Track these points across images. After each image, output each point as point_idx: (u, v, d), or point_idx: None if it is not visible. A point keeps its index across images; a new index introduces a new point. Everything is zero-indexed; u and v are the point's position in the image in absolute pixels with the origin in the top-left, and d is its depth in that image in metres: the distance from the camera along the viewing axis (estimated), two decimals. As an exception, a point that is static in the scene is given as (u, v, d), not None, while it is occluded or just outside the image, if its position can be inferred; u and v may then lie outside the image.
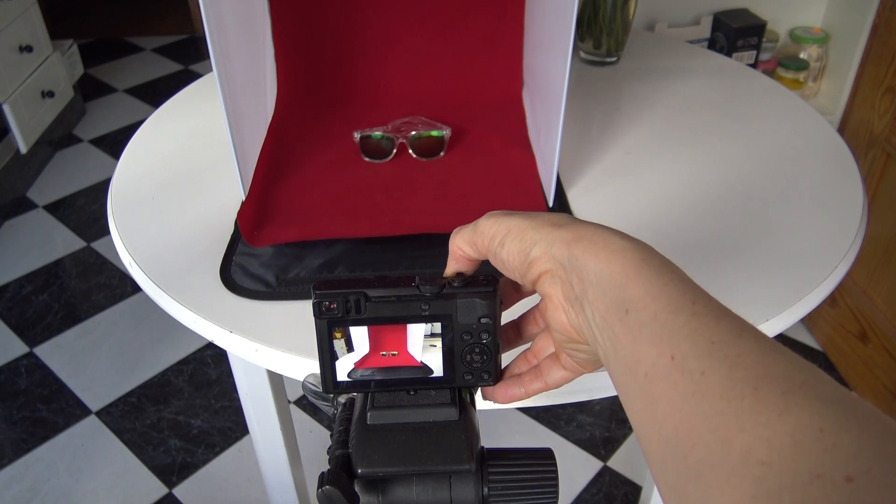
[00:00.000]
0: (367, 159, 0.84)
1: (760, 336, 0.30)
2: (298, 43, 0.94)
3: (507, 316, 0.45)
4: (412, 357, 0.41)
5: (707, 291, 0.33)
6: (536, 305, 0.44)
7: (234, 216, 0.75)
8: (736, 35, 1.47)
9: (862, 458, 0.24)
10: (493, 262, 0.40)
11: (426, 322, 0.40)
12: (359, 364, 0.41)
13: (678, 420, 0.29)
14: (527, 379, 0.43)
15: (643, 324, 0.32)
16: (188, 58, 3.09)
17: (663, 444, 0.29)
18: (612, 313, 0.34)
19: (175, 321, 0.66)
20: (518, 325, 0.45)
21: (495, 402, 0.44)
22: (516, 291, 0.44)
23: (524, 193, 0.78)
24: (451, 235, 0.42)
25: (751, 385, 0.27)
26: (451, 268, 0.42)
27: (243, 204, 0.75)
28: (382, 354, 0.41)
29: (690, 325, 0.31)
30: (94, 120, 2.65)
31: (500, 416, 1.56)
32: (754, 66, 1.53)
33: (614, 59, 1.06)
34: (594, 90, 1.00)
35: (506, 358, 0.44)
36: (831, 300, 1.60)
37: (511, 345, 0.45)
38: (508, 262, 0.39)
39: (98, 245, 2.06)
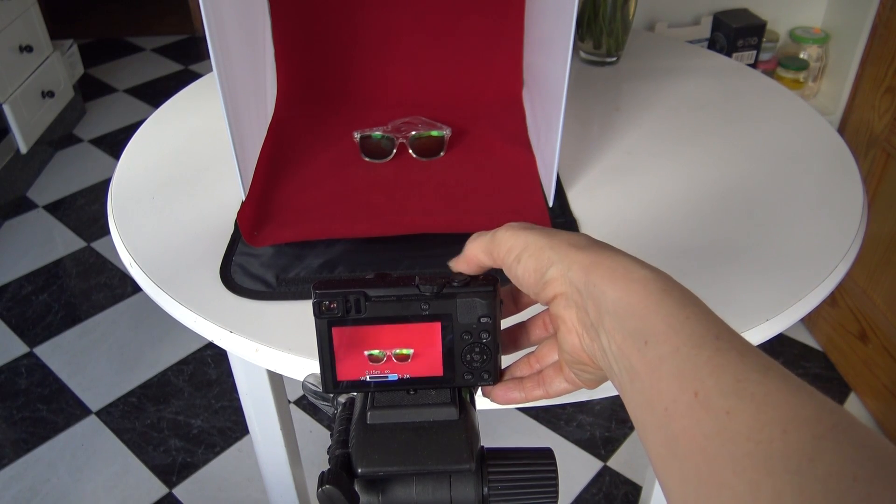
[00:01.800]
0: (367, 159, 0.84)
1: (787, 375, 0.29)
2: (298, 43, 0.94)
3: (518, 317, 0.45)
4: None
5: (729, 325, 0.32)
6: (546, 310, 0.44)
7: (234, 216, 0.75)
8: (736, 35, 1.47)
9: None
10: (508, 275, 0.40)
11: (426, 322, 0.40)
12: (358, 364, 0.41)
13: (701, 460, 0.28)
14: (528, 385, 0.43)
15: (663, 357, 0.31)
16: (188, 58, 3.09)
17: (685, 482, 0.29)
18: (629, 344, 0.33)
19: (175, 321, 0.66)
20: (525, 328, 0.45)
21: (494, 402, 0.44)
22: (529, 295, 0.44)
23: (524, 193, 0.78)
24: (469, 240, 0.41)
25: (779, 427, 0.26)
26: (460, 268, 0.42)
27: (243, 204, 0.75)
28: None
29: (714, 361, 0.30)
30: (94, 120, 2.65)
31: (500, 416, 1.56)
32: (754, 66, 1.53)
33: (614, 59, 1.06)
34: (594, 90, 1.01)
35: (510, 360, 0.44)
36: (831, 300, 1.60)
37: (517, 347, 0.45)
38: (523, 278, 0.38)
39: (98, 245, 2.06)
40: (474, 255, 0.41)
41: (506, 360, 0.44)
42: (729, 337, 0.31)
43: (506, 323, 0.44)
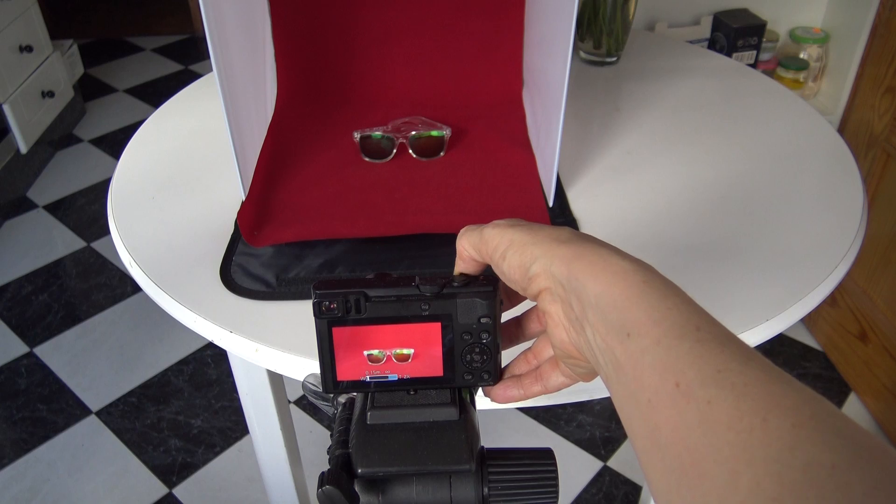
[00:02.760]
0: (367, 159, 0.84)
1: (767, 365, 0.29)
2: (298, 43, 0.94)
3: (511, 312, 0.45)
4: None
5: (711, 315, 0.32)
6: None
7: (234, 216, 0.75)
8: (736, 35, 1.47)
9: (877, 496, 0.23)
10: (496, 272, 0.40)
11: (426, 322, 0.40)
12: (358, 364, 0.41)
13: (683, 450, 0.28)
14: (526, 382, 0.43)
15: (645, 349, 0.31)
16: (188, 58, 3.09)
17: (667, 472, 0.29)
18: (612, 337, 0.33)
19: (175, 321, 0.66)
20: (520, 323, 0.45)
21: (493, 401, 0.44)
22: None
23: (524, 193, 0.78)
24: (459, 235, 0.42)
25: (759, 416, 0.27)
26: (459, 268, 0.42)
27: (243, 204, 0.75)
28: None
29: (695, 352, 0.30)
30: (94, 120, 2.65)
31: (500, 416, 1.56)
32: (754, 66, 1.53)
33: (614, 59, 1.06)
34: (594, 90, 1.00)
35: (507, 355, 0.44)
36: (831, 300, 1.60)
37: (512, 342, 0.45)
38: (510, 275, 0.39)
39: (98, 245, 2.06)
40: (465, 251, 0.41)
41: (505, 358, 0.43)
42: (710, 328, 0.31)
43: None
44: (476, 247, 0.40)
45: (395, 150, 0.84)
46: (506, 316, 0.44)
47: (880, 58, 1.39)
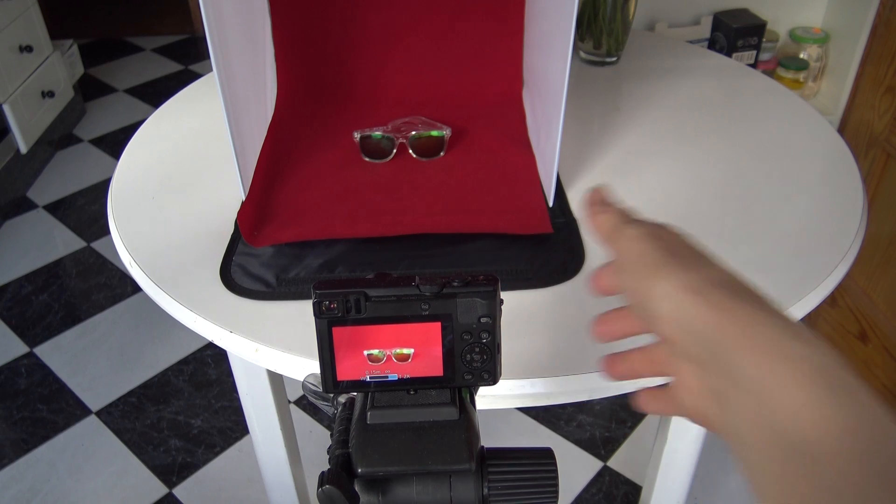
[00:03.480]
0: (367, 159, 0.84)
1: None
2: (298, 43, 0.94)
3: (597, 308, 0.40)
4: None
5: None
6: (655, 346, 0.35)
7: (234, 216, 0.75)
8: (736, 35, 1.47)
9: None
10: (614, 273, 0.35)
11: (426, 322, 0.40)
12: (358, 364, 0.41)
13: None
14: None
15: (822, 475, 0.24)
16: (188, 58, 3.09)
17: None
18: (775, 448, 0.25)
19: (175, 321, 0.66)
20: (627, 357, 0.37)
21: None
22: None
23: (524, 193, 0.78)
24: (603, 209, 0.37)
25: None
26: (593, 222, 0.37)
27: (243, 204, 0.75)
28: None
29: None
30: (94, 120, 2.65)
31: (500, 416, 1.56)
32: (754, 66, 1.53)
33: (614, 59, 1.06)
34: (594, 90, 1.00)
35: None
36: (831, 300, 1.60)
37: (620, 376, 0.37)
38: (628, 293, 0.31)
39: (98, 245, 2.06)
40: (601, 226, 0.36)
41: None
42: None
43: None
44: (608, 234, 0.34)
45: (395, 150, 0.84)
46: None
47: (880, 58, 1.39)
